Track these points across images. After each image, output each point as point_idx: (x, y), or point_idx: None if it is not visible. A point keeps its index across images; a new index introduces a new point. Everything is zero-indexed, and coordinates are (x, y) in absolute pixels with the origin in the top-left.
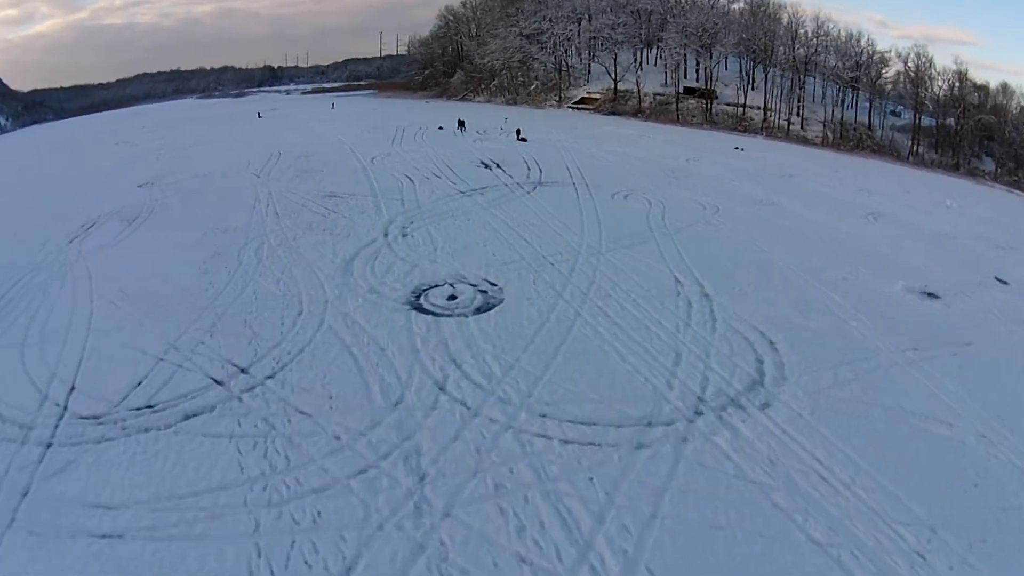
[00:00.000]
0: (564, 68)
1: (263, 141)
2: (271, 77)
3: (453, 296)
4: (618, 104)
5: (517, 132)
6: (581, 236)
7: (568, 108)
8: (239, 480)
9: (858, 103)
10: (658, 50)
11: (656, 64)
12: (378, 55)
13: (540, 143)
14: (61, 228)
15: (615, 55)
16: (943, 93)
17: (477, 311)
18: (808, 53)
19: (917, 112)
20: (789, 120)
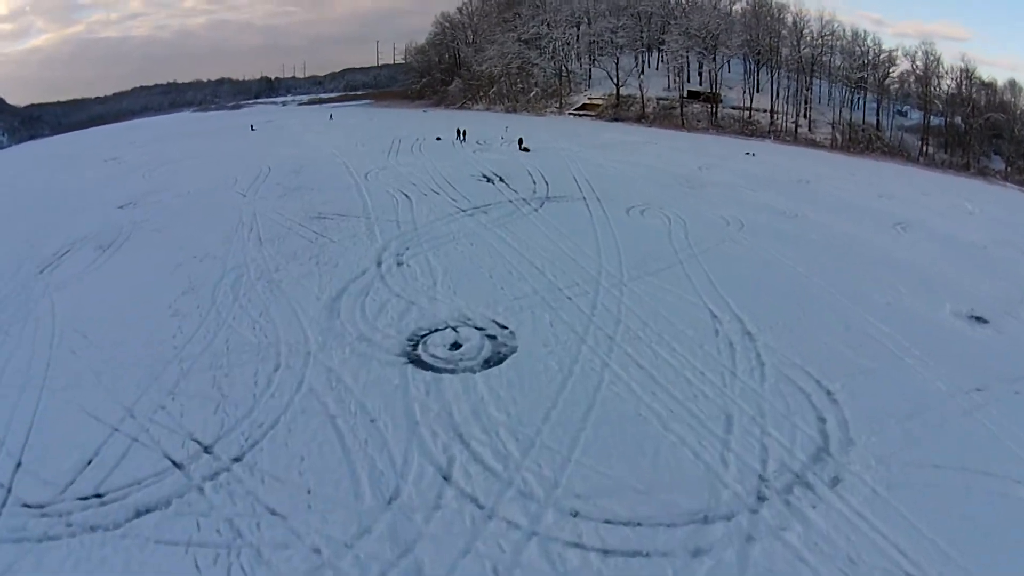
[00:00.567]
0: (564, 74)
1: (254, 155)
2: (268, 88)
3: (457, 344)
4: (621, 110)
5: (519, 142)
6: (599, 261)
7: (570, 115)
8: None
9: (865, 104)
10: (660, 53)
11: (658, 68)
12: (375, 64)
13: (544, 153)
14: (33, 255)
15: (616, 59)
16: (951, 91)
17: (486, 364)
18: (814, 53)
19: (926, 112)
20: (797, 123)
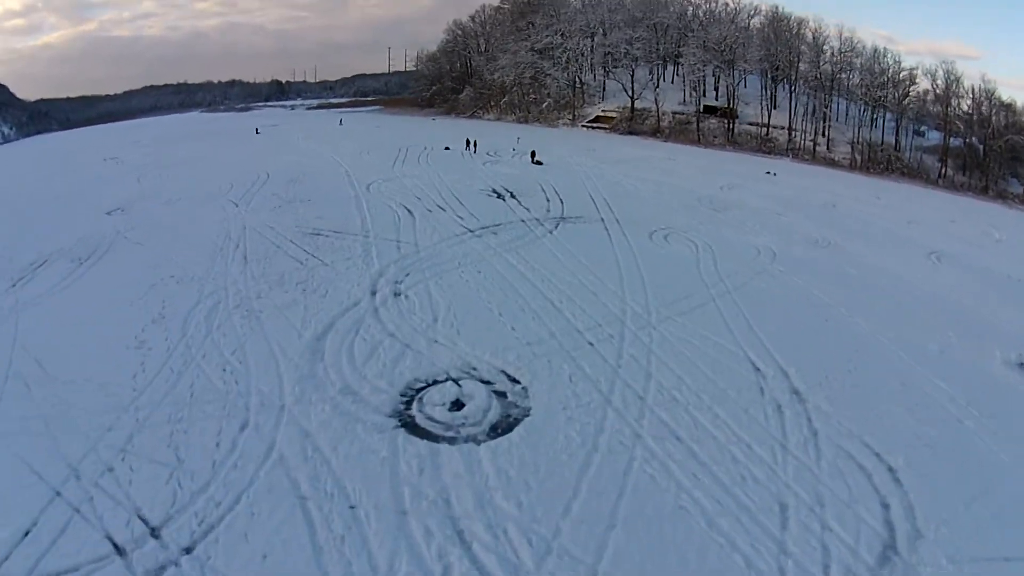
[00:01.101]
0: (578, 85)
1: (254, 161)
2: (278, 92)
3: (459, 403)
4: (635, 123)
5: (532, 155)
6: (623, 296)
7: (583, 127)
8: None
9: (884, 123)
10: (676, 66)
11: (674, 81)
12: (386, 71)
13: (557, 167)
14: (8, 266)
15: (632, 71)
16: (970, 112)
17: (493, 432)
18: (834, 70)
19: (946, 133)
20: (815, 141)
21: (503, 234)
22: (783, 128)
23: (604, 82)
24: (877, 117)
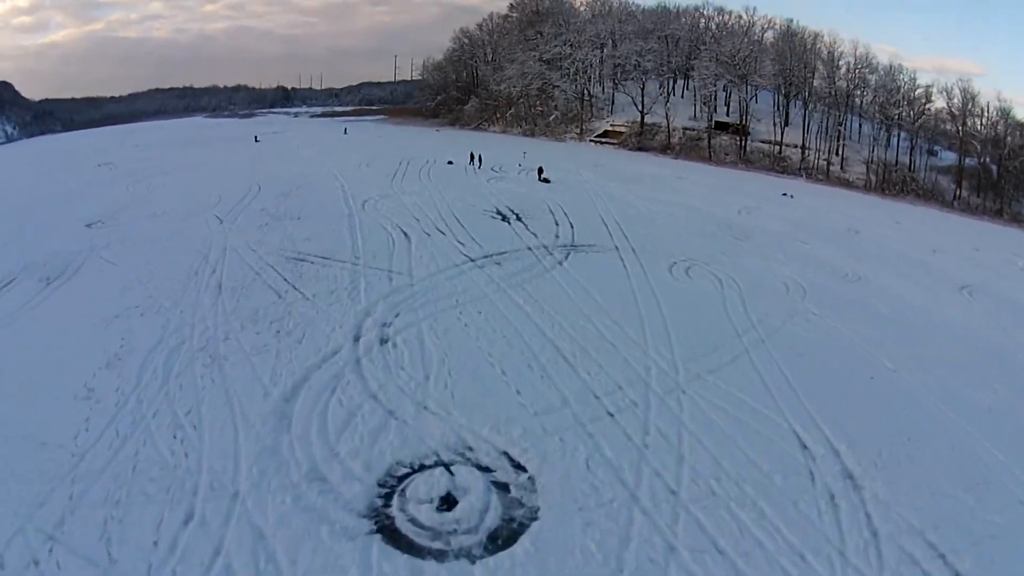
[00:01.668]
0: (586, 97)
1: (248, 171)
2: (283, 98)
3: (450, 499)
4: (645, 139)
5: (539, 171)
6: (645, 347)
7: (591, 142)
8: None
9: (899, 142)
10: (687, 80)
11: (684, 96)
12: (392, 79)
13: (565, 185)
14: None
15: (642, 84)
16: (986, 132)
17: (491, 543)
18: (849, 87)
19: (961, 154)
20: (829, 160)
21: (508, 264)
22: (796, 146)
23: (613, 95)
24: (891, 136)
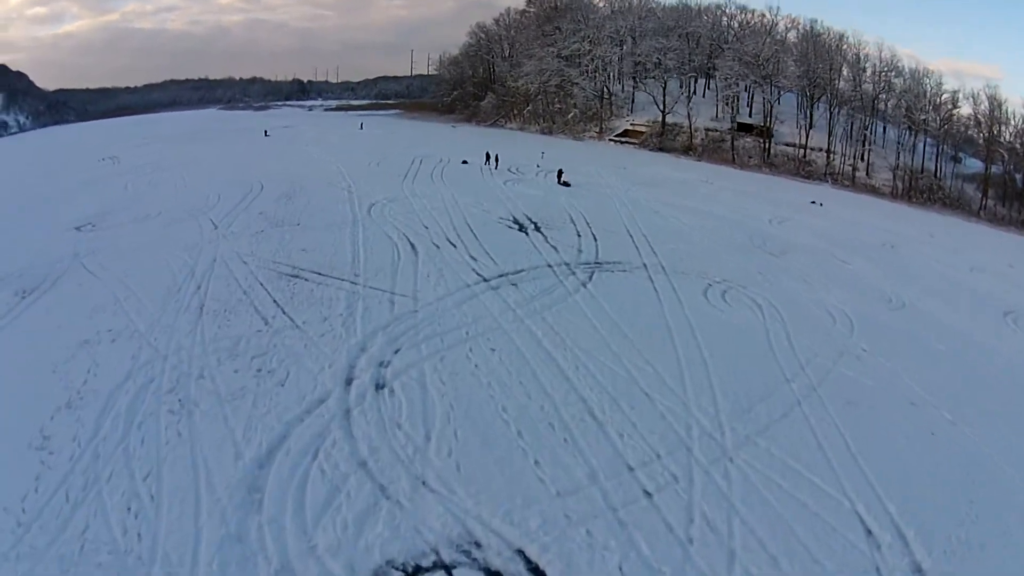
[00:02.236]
0: (606, 95)
1: (253, 168)
2: (299, 91)
3: None
4: (666, 139)
5: (558, 174)
6: (684, 397)
7: (610, 141)
8: None
9: (924, 148)
10: (709, 80)
11: (705, 95)
12: (408, 73)
13: (587, 189)
14: None
15: (664, 83)
16: (1013, 140)
17: None
18: (875, 90)
19: (988, 161)
20: (854, 166)
21: (525, 286)
22: (821, 150)
23: (633, 93)
24: (917, 141)
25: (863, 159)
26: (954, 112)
